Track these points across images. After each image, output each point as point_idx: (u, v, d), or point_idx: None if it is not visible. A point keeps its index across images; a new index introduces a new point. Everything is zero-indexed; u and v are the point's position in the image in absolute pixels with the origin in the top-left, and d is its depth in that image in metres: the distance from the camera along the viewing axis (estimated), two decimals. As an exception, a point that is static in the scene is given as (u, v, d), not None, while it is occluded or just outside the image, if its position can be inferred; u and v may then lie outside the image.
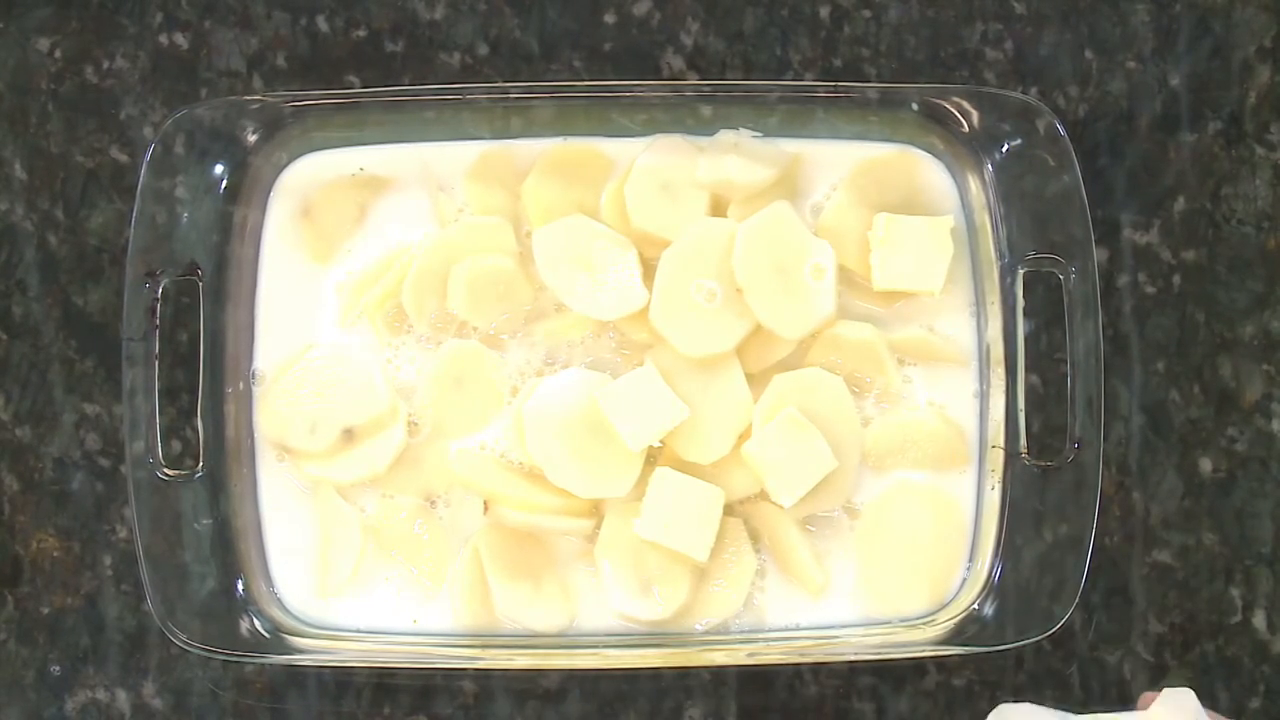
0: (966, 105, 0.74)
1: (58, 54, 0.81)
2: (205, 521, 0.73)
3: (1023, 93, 0.78)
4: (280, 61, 0.81)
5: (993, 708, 0.61)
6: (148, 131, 0.80)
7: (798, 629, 0.74)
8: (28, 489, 0.78)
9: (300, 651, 0.72)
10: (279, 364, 0.76)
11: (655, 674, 0.77)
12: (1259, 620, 0.78)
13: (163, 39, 0.81)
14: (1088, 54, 0.81)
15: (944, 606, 0.74)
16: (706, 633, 0.73)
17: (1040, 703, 0.76)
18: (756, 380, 0.74)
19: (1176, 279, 0.80)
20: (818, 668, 0.77)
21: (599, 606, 0.74)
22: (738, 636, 0.74)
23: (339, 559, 0.74)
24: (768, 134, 0.76)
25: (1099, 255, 0.75)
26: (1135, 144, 0.80)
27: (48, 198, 0.80)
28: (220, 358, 0.74)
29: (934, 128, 0.76)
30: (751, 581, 0.73)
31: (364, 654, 0.73)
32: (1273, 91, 0.81)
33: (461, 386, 0.75)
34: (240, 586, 0.73)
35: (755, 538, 0.74)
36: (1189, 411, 0.79)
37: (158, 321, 0.73)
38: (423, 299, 0.75)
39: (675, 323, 0.73)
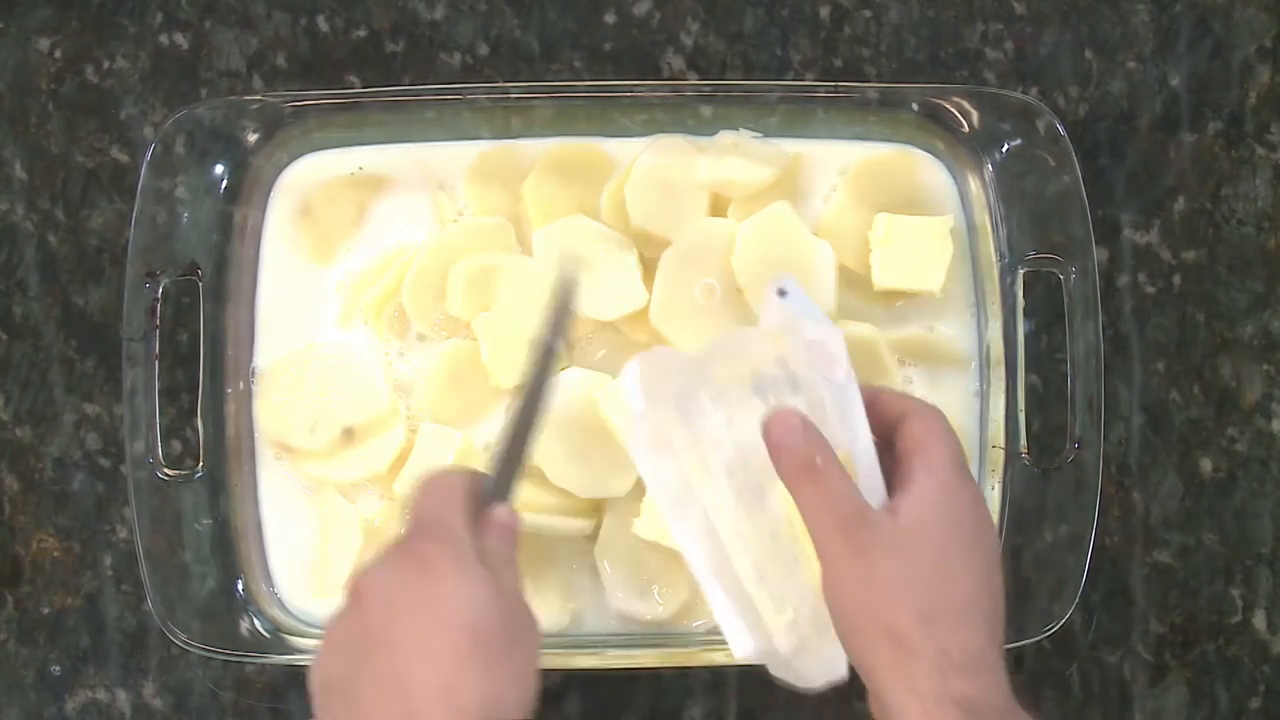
0: (967, 105, 0.74)
1: (58, 54, 0.81)
2: (205, 521, 0.73)
3: (1023, 93, 0.78)
4: (280, 61, 0.81)
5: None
6: (148, 131, 0.80)
7: (798, 629, 0.74)
8: (28, 489, 0.78)
9: (300, 651, 0.72)
10: (279, 363, 0.76)
11: (655, 674, 0.76)
12: (1259, 620, 0.78)
13: (163, 39, 0.81)
14: (1088, 54, 0.81)
15: (944, 606, 0.74)
16: (706, 633, 0.73)
17: (1039, 703, 0.76)
18: (757, 380, 0.74)
19: (1177, 279, 0.80)
20: (818, 668, 0.77)
21: (599, 606, 0.74)
22: (738, 636, 0.73)
23: (339, 559, 0.74)
24: (768, 134, 0.76)
25: (1099, 255, 0.75)
26: (1135, 144, 0.80)
27: (48, 198, 0.80)
28: (220, 357, 0.74)
29: (934, 128, 0.75)
30: (751, 581, 0.73)
31: (364, 654, 0.73)
32: (1273, 91, 0.81)
33: (461, 386, 0.75)
34: (240, 586, 0.73)
35: (755, 538, 0.74)
36: (1189, 411, 0.79)
37: (158, 321, 0.73)
38: (422, 299, 0.75)
39: (675, 323, 0.73)
